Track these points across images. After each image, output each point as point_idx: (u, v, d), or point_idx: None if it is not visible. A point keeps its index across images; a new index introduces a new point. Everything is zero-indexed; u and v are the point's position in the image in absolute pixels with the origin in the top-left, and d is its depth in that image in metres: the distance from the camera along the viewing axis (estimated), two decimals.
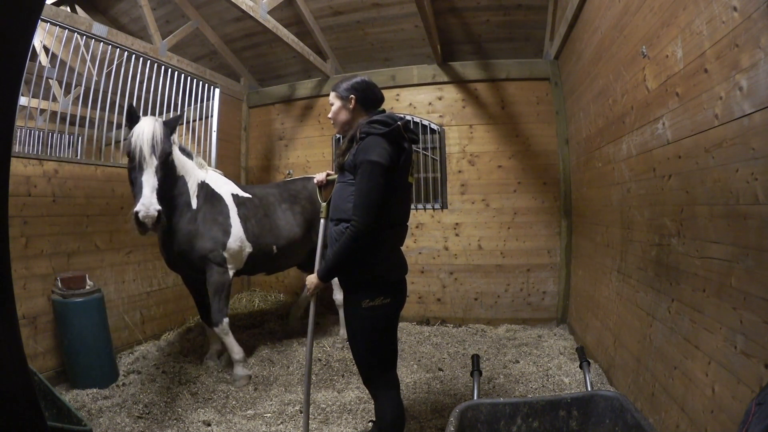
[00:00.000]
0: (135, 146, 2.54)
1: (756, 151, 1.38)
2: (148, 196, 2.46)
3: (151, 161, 2.55)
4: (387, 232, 1.78)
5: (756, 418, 1.01)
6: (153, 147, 2.57)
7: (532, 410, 1.65)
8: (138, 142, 2.55)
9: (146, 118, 2.68)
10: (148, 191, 2.47)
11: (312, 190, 3.63)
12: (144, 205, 2.43)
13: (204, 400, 2.73)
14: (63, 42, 3.36)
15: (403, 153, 1.78)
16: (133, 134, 2.57)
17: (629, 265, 2.58)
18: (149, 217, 2.43)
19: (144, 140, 2.55)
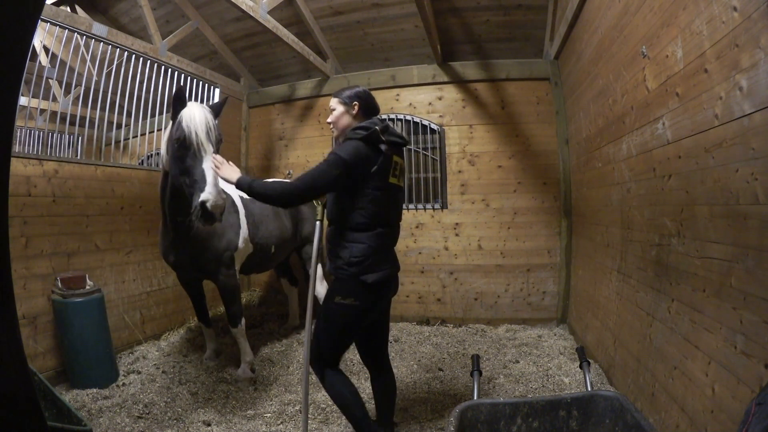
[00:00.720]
0: (190, 131, 2.30)
1: (756, 151, 1.38)
2: (214, 183, 2.24)
3: (209, 148, 2.32)
4: (366, 233, 1.89)
5: (756, 418, 1.01)
6: (208, 132, 2.35)
7: (532, 410, 1.65)
8: (193, 127, 2.32)
9: (194, 103, 2.48)
10: (213, 179, 2.24)
11: None
12: (212, 194, 2.20)
13: (204, 400, 2.73)
14: (63, 42, 3.36)
15: (380, 155, 1.88)
16: (183, 119, 2.33)
17: (629, 265, 2.58)
18: (219, 206, 2.22)
19: (199, 125, 2.33)
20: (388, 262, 1.98)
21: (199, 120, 2.33)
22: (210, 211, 2.20)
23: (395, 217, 2.05)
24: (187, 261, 2.89)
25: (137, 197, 3.71)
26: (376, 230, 1.91)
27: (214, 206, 2.20)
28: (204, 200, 2.19)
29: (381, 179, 1.90)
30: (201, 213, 2.21)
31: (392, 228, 2.03)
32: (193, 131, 2.30)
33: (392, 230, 2.03)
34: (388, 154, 1.91)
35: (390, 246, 2.04)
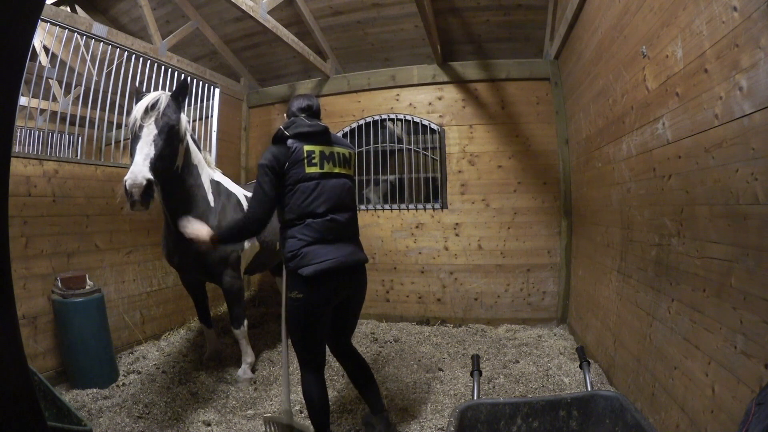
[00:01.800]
0: (132, 117, 2.32)
1: (756, 151, 1.38)
2: (139, 163, 2.15)
3: (148, 128, 2.28)
4: (296, 227, 1.94)
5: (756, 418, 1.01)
6: (149, 113, 2.31)
7: (532, 410, 1.65)
8: (134, 111, 2.33)
9: (154, 92, 2.50)
10: (139, 158, 2.17)
11: None
12: (132, 173, 2.11)
13: (204, 400, 2.73)
14: (63, 42, 3.36)
15: (288, 150, 1.95)
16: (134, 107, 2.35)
17: (629, 265, 2.58)
18: (136, 185, 2.10)
19: (140, 107, 2.32)
20: (331, 252, 1.92)
21: (141, 104, 2.32)
22: (128, 191, 2.10)
23: (330, 206, 1.97)
24: (191, 262, 2.87)
25: None
26: (305, 221, 1.93)
27: (132, 185, 2.10)
28: (124, 180, 2.11)
29: (296, 172, 1.94)
30: (124, 195, 2.12)
31: (326, 217, 1.95)
32: (133, 114, 2.32)
33: (329, 220, 1.96)
34: (295, 146, 1.95)
35: (334, 236, 1.96)
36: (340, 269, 1.93)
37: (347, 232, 2.05)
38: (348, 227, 2.06)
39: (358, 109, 4.88)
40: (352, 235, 2.10)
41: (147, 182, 2.14)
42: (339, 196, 2.01)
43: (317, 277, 1.87)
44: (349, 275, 2.01)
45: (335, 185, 2.01)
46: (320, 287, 1.91)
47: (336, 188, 2.01)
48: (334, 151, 2.04)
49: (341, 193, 2.03)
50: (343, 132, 4.92)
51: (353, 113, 4.89)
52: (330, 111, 5.00)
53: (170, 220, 2.70)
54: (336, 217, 1.99)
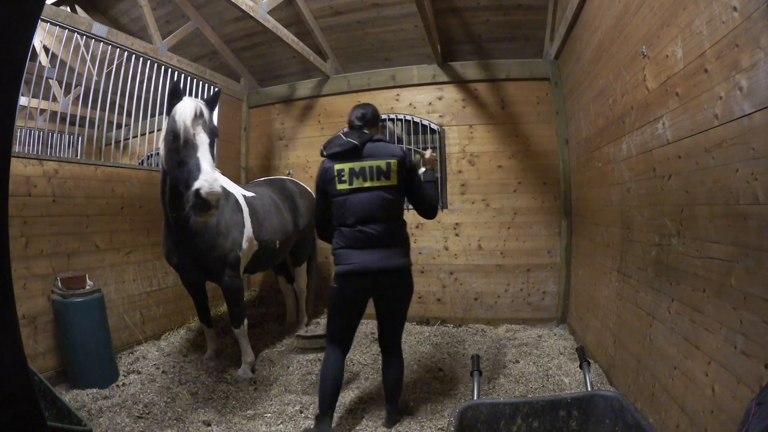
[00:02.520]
0: (182, 121, 2.27)
1: (756, 151, 1.38)
2: (209, 170, 2.15)
3: (200, 136, 2.28)
4: (337, 230, 2.29)
5: (756, 418, 1.01)
6: (203, 123, 2.32)
7: (532, 410, 1.65)
8: (185, 117, 2.28)
9: (188, 97, 2.47)
10: (208, 166, 2.17)
11: (293, 189, 3.96)
12: (207, 181, 2.10)
13: (204, 400, 2.73)
14: (63, 42, 3.36)
15: (325, 170, 2.30)
16: (176, 111, 2.31)
17: (629, 265, 2.58)
18: (214, 193, 2.12)
19: (189, 115, 2.29)
20: (358, 257, 2.20)
21: (189, 111, 2.30)
22: (204, 198, 2.11)
23: (357, 219, 2.21)
24: (191, 262, 2.87)
25: (137, 197, 3.71)
26: (341, 229, 2.27)
27: (209, 193, 2.11)
28: (198, 187, 2.11)
29: (331, 189, 2.27)
30: (195, 201, 2.12)
31: (354, 228, 2.21)
32: (183, 121, 2.27)
33: (357, 231, 2.21)
34: (328, 166, 2.28)
35: (363, 244, 2.21)
36: (364, 272, 2.20)
37: (379, 241, 2.22)
38: (379, 237, 2.22)
39: None
40: (386, 243, 2.24)
41: (222, 189, 2.22)
42: (368, 209, 2.21)
43: (345, 275, 2.22)
44: (374, 278, 2.22)
45: (363, 199, 2.22)
46: (347, 283, 2.23)
47: (364, 202, 2.22)
48: (366, 165, 2.23)
49: (370, 206, 2.21)
50: (343, 132, 4.91)
51: None
52: (330, 111, 5.00)
53: (173, 221, 2.70)
54: (364, 228, 2.21)
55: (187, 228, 2.69)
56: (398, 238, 2.31)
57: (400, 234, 2.33)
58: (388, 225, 2.24)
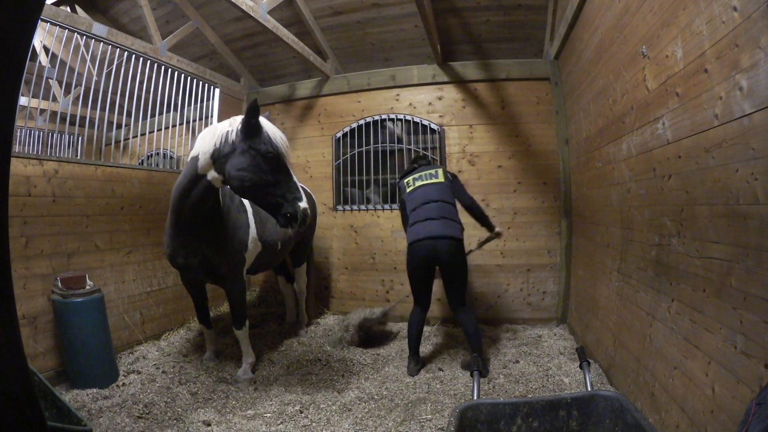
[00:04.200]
0: (280, 148, 2.51)
1: (756, 151, 1.38)
2: (304, 196, 2.53)
3: (289, 163, 2.59)
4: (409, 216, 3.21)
5: (756, 418, 1.01)
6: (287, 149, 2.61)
7: (532, 410, 1.65)
8: (282, 145, 2.53)
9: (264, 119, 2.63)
10: (302, 193, 2.53)
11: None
12: (307, 205, 2.51)
13: (204, 400, 2.73)
14: (63, 42, 3.36)
15: (397, 189, 3.52)
16: (270, 135, 2.50)
17: (629, 265, 2.58)
18: (310, 216, 2.54)
19: (283, 143, 2.55)
20: (421, 230, 3.03)
21: (282, 137, 2.58)
22: (304, 218, 2.48)
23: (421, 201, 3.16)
24: (197, 264, 2.88)
25: (137, 197, 3.71)
26: (411, 214, 3.18)
27: (307, 216, 2.50)
28: (305, 208, 2.48)
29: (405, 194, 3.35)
30: (299, 219, 2.47)
31: (422, 207, 3.13)
32: (283, 149, 2.54)
33: (423, 208, 3.12)
34: (400, 183, 3.46)
35: (425, 217, 3.07)
36: (426, 238, 2.99)
37: (436, 213, 3.08)
38: (437, 210, 3.09)
39: (358, 109, 4.88)
40: (442, 215, 3.07)
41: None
42: (426, 194, 3.18)
43: (414, 243, 3.05)
44: (432, 243, 2.98)
45: (423, 190, 3.22)
46: (415, 250, 3.05)
47: (424, 191, 3.21)
48: (423, 173, 3.31)
49: (428, 192, 3.19)
50: (344, 132, 4.92)
51: (353, 113, 4.89)
52: (330, 111, 5.00)
53: (185, 222, 2.72)
54: (429, 205, 3.12)
55: (198, 230, 2.75)
56: (449, 213, 3.12)
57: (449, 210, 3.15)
58: (442, 203, 3.14)
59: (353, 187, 4.93)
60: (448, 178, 3.29)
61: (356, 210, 4.84)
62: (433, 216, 3.05)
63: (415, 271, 3.09)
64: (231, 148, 2.51)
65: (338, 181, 4.95)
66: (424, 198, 3.15)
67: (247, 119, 2.47)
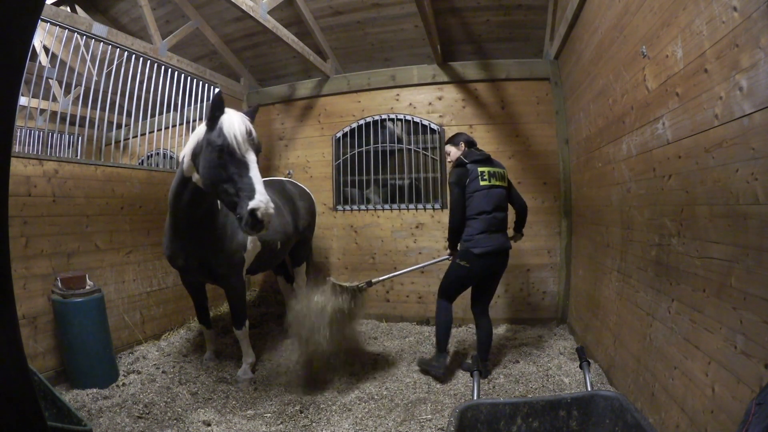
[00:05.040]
0: (234, 138, 2.27)
1: (756, 151, 1.38)
2: (263, 192, 2.23)
3: (251, 157, 2.31)
4: (475, 219, 2.89)
5: (756, 418, 1.02)
6: (252, 142, 2.33)
7: (532, 410, 1.65)
8: (236, 134, 2.27)
9: (232, 110, 2.44)
10: (261, 187, 2.24)
11: (293, 190, 3.94)
12: (262, 202, 2.19)
13: (204, 400, 2.73)
14: (63, 42, 3.36)
15: (466, 171, 2.94)
16: (224, 125, 2.29)
17: (629, 265, 2.58)
18: (269, 215, 2.22)
19: (239, 132, 2.28)
20: (490, 240, 2.87)
21: (241, 127, 2.30)
22: (260, 218, 2.19)
23: (494, 206, 2.92)
24: (196, 265, 2.86)
25: (137, 197, 3.71)
26: (479, 217, 2.89)
27: (265, 214, 2.19)
28: (254, 208, 2.17)
29: (474, 184, 2.92)
30: (250, 221, 2.18)
31: (491, 215, 2.90)
32: (235, 138, 2.27)
33: (492, 217, 2.90)
34: (472, 168, 2.94)
35: (494, 228, 2.90)
36: (493, 252, 2.88)
37: (502, 225, 2.98)
38: (502, 222, 2.98)
39: (358, 109, 4.88)
40: (504, 228, 3.00)
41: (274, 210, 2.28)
42: (499, 200, 2.97)
43: (482, 255, 2.85)
44: (496, 256, 2.92)
45: (497, 193, 2.96)
46: (481, 262, 2.87)
47: (497, 195, 2.97)
48: (496, 171, 3.02)
49: (500, 199, 2.99)
50: (344, 132, 4.92)
51: (353, 113, 4.89)
52: (330, 111, 5.00)
53: (183, 224, 2.69)
54: (497, 214, 2.93)
55: (196, 231, 2.71)
56: (507, 223, 3.06)
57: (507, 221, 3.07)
58: (506, 213, 3.03)
59: (353, 187, 4.93)
60: (509, 182, 3.15)
61: (356, 210, 4.84)
62: (501, 228, 2.97)
63: (470, 279, 2.97)
64: (200, 146, 2.42)
65: (338, 181, 4.95)
66: (494, 203, 2.93)
67: (209, 113, 2.36)
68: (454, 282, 3.01)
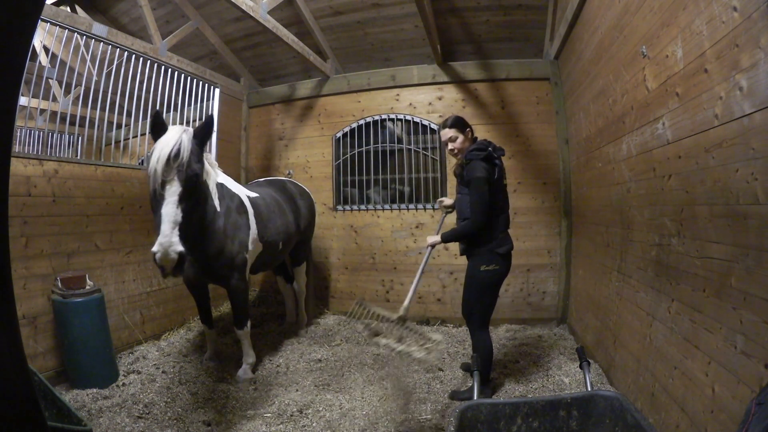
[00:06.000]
0: (152, 170, 2.06)
1: (756, 151, 1.38)
2: (166, 233, 1.97)
3: (172, 186, 2.03)
4: (499, 217, 2.63)
5: (756, 418, 1.01)
6: (171, 164, 2.05)
7: (532, 410, 1.65)
8: (155, 162, 2.03)
9: (174, 128, 2.22)
10: (167, 228, 1.97)
11: (293, 190, 3.92)
12: (162, 245, 1.95)
13: (204, 400, 2.73)
14: (63, 42, 3.36)
15: (495, 167, 2.58)
16: (154, 150, 2.07)
17: (629, 265, 2.58)
18: (168, 260, 1.97)
19: (161, 156, 2.03)
20: (510, 238, 2.68)
21: (161, 154, 2.04)
22: (158, 264, 1.97)
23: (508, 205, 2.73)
24: (198, 267, 2.84)
25: (137, 197, 3.71)
26: (502, 216, 2.65)
27: (162, 259, 1.95)
28: (153, 251, 1.97)
29: (499, 183, 2.61)
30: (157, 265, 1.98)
31: (507, 213, 2.71)
32: (154, 167, 2.04)
33: (507, 215, 2.71)
34: (499, 163, 2.61)
35: (508, 226, 2.70)
36: (511, 252, 2.68)
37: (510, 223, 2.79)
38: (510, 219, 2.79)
39: (358, 109, 4.88)
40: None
41: (179, 256, 1.99)
42: (508, 199, 2.75)
43: (506, 255, 2.63)
44: (511, 256, 2.72)
45: (506, 192, 2.74)
46: (506, 262, 2.64)
47: (507, 193, 2.75)
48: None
49: (507, 197, 2.77)
50: (344, 132, 4.92)
51: (353, 113, 4.89)
52: (330, 111, 5.00)
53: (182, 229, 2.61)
54: (508, 212, 2.74)
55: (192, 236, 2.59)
56: None
57: None
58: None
59: (353, 187, 4.93)
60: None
61: (356, 210, 4.84)
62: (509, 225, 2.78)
63: (501, 283, 2.70)
64: None
65: (338, 181, 4.95)
66: (508, 203, 2.74)
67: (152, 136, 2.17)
68: (487, 294, 2.65)
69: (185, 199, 2.10)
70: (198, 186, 2.24)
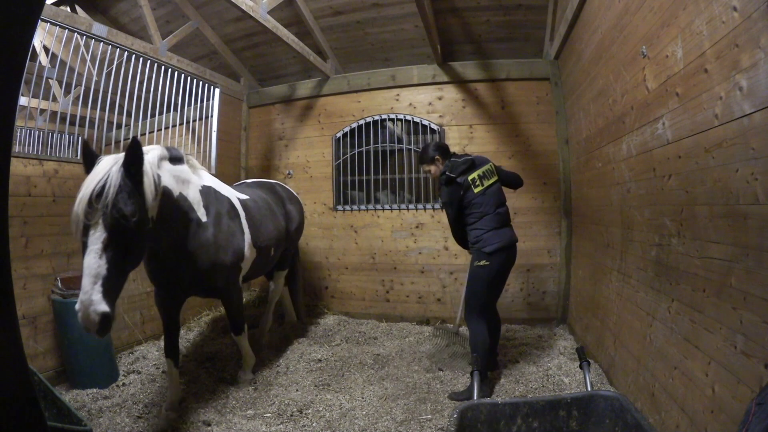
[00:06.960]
0: (74, 209, 1.76)
1: (756, 151, 1.38)
2: (86, 290, 1.67)
3: (95, 232, 1.73)
4: (478, 222, 2.84)
5: (756, 418, 1.02)
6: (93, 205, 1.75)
7: (532, 410, 1.65)
8: (77, 204, 1.75)
9: (105, 159, 1.90)
10: (87, 283, 1.68)
11: (283, 194, 3.83)
12: (82, 304, 1.67)
13: (204, 400, 2.73)
14: (63, 42, 3.36)
15: (459, 185, 2.84)
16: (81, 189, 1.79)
17: (629, 265, 2.58)
18: (89, 321, 1.67)
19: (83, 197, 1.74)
20: (499, 236, 2.82)
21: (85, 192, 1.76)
22: (80, 323, 1.70)
23: (495, 205, 2.88)
24: (188, 280, 2.53)
25: None
26: (482, 219, 2.84)
27: (82, 320, 1.68)
28: (76, 309, 1.70)
29: (469, 194, 2.85)
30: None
31: (494, 213, 2.86)
32: (75, 210, 1.76)
33: (496, 214, 2.86)
34: (462, 180, 2.84)
35: (500, 224, 2.86)
36: (504, 247, 2.82)
37: (506, 219, 2.94)
38: (506, 216, 2.94)
39: (358, 109, 4.88)
40: (509, 221, 2.96)
41: (101, 317, 1.69)
42: (497, 197, 2.92)
43: (497, 251, 2.79)
44: (508, 250, 2.87)
45: (492, 191, 2.91)
46: (499, 259, 2.80)
47: (494, 193, 2.91)
48: (484, 170, 2.94)
49: (498, 195, 2.94)
50: (344, 132, 4.92)
51: (353, 113, 4.89)
52: (330, 111, 5.00)
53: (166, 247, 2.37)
54: (499, 210, 2.89)
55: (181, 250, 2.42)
56: (510, 217, 3.01)
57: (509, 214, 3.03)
58: (506, 206, 2.98)
59: (353, 187, 4.93)
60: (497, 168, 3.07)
61: (356, 210, 4.84)
62: (507, 222, 2.92)
63: (495, 281, 2.86)
64: None
65: (338, 181, 4.95)
66: (494, 202, 2.88)
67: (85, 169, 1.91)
68: (479, 287, 2.83)
69: (112, 247, 1.77)
70: (131, 229, 1.87)
